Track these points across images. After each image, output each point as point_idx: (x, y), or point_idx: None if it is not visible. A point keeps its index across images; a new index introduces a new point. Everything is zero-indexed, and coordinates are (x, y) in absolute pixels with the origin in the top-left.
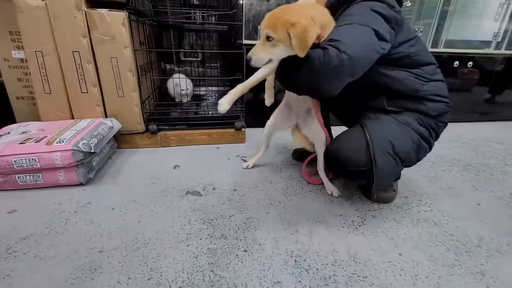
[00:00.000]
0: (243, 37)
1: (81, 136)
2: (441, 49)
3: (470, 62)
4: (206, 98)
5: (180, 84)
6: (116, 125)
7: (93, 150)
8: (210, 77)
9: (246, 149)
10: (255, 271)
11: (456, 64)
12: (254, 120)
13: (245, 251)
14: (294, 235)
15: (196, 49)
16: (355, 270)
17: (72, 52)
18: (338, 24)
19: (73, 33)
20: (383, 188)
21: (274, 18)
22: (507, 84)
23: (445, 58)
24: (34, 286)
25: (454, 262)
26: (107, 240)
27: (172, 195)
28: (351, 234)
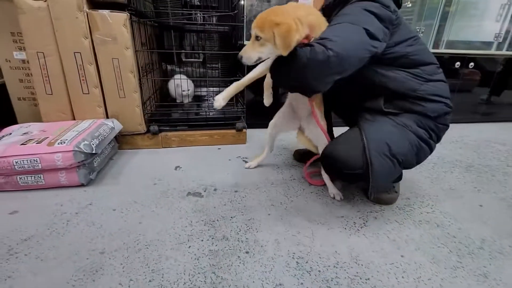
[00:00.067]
0: (244, 38)
1: (83, 137)
2: (443, 50)
3: (472, 63)
4: (207, 99)
5: (181, 85)
6: (117, 126)
7: (95, 151)
8: (211, 78)
9: (247, 150)
10: (257, 273)
11: (458, 65)
12: (255, 121)
13: (247, 253)
14: (296, 237)
15: (197, 50)
16: (357, 272)
17: (74, 53)
18: (331, 24)
19: (75, 34)
20: (380, 190)
21: (262, 19)
22: (506, 85)
23: (447, 59)
24: None
25: (457, 264)
26: (109, 242)
27: (173, 196)
28: (353, 236)
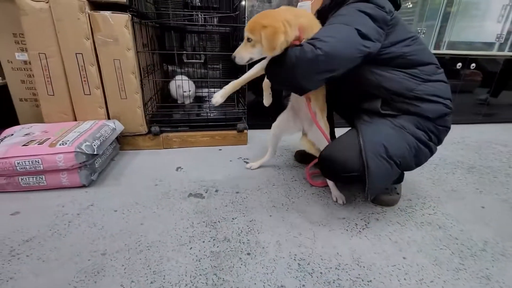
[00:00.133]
0: None
1: (84, 138)
2: (444, 51)
3: (473, 64)
4: (208, 100)
5: (183, 86)
6: (119, 127)
7: (96, 152)
8: (212, 79)
9: (248, 151)
10: (259, 275)
11: (459, 66)
12: (256, 122)
13: (248, 254)
14: (298, 238)
15: (198, 51)
16: (359, 274)
17: (75, 54)
18: (325, 25)
19: (77, 35)
20: (377, 192)
21: (253, 22)
22: (504, 86)
23: (448, 60)
24: None
25: (459, 266)
26: (110, 243)
27: (175, 197)
28: (355, 237)
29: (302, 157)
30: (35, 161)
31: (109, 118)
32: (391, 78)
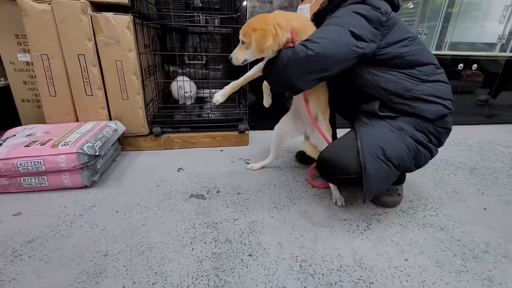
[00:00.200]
0: None
1: (86, 139)
2: (446, 52)
3: (475, 65)
4: (210, 101)
5: (184, 87)
6: (120, 128)
7: (98, 153)
8: (214, 80)
9: (250, 152)
10: (260, 276)
11: (461, 67)
12: (258, 123)
13: (250, 256)
14: (299, 240)
15: (200, 52)
16: (361, 276)
17: (78, 55)
18: (319, 28)
19: (79, 37)
20: (374, 194)
21: (246, 26)
22: (503, 87)
23: (449, 61)
24: None
25: (461, 268)
26: (112, 244)
27: (176, 198)
28: (356, 239)
29: (303, 157)
30: (37, 162)
31: (111, 119)
32: (389, 79)
